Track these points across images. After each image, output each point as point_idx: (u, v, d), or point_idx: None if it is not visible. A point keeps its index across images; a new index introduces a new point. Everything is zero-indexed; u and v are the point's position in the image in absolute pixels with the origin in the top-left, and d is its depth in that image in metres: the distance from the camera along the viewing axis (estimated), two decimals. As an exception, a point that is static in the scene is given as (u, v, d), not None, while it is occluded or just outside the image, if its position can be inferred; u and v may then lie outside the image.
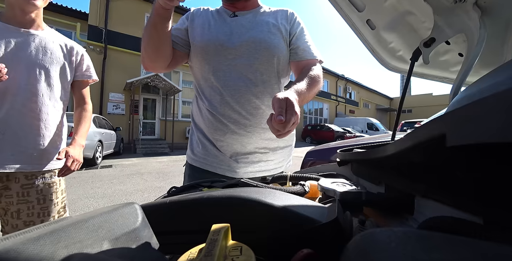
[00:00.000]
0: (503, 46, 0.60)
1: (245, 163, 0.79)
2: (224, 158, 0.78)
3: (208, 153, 0.80)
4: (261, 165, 0.82)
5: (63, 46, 0.99)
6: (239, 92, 0.75)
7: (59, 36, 1.00)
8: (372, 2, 0.72)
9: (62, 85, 0.99)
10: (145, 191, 3.38)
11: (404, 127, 8.12)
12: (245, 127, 0.77)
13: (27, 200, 0.89)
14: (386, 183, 0.39)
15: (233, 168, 0.79)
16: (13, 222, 0.88)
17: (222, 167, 0.79)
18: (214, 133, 0.78)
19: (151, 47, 0.70)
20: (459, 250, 0.10)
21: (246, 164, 0.79)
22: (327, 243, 0.23)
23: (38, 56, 0.90)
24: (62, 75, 0.98)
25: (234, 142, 0.77)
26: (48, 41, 0.94)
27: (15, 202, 0.88)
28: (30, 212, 0.90)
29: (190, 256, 0.21)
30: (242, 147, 0.78)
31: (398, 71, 0.93)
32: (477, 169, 0.20)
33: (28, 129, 0.88)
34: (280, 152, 0.85)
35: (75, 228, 0.19)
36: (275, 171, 0.85)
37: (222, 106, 0.76)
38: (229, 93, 0.75)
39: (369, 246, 0.12)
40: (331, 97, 19.52)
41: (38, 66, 0.89)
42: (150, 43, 0.69)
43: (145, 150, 8.09)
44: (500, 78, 0.24)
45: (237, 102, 0.76)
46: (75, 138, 1.00)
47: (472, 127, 0.15)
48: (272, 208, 0.26)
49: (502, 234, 0.18)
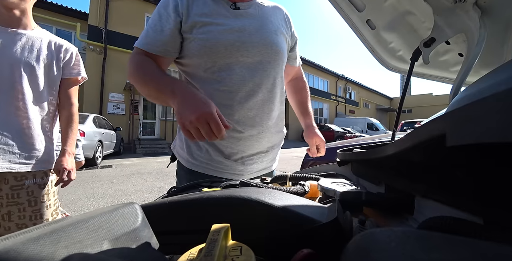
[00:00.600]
0: (503, 46, 0.60)
1: (250, 164, 0.78)
2: (230, 163, 0.75)
3: (212, 158, 0.75)
4: (258, 162, 0.81)
5: (52, 44, 0.97)
6: (254, 96, 0.71)
7: (48, 35, 0.99)
8: (372, 2, 0.72)
9: (50, 84, 0.97)
10: (145, 191, 3.38)
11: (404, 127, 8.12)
12: (258, 133, 0.75)
13: (17, 202, 0.87)
14: (386, 183, 0.39)
15: (240, 171, 0.77)
16: (5, 224, 0.87)
17: (228, 171, 0.76)
18: (226, 140, 0.73)
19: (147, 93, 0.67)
20: (459, 250, 0.10)
21: (251, 165, 0.79)
22: (327, 243, 0.23)
23: (23, 54, 0.89)
24: (49, 73, 0.96)
25: (245, 149, 0.75)
26: (35, 40, 0.93)
27: (4, 203, 0.86)
28: (22, 214, 0.88)
29: (190, 256, 0.21)
30: (250, 151, 0.77)
31: (398, 71, 0.93)
32: (477, 169, 0.20)
33: (15, 128, 0.86)
34: (274, 150, 0.86)
35: (75, 228, 0.19)
36: (269, 169, 0.87)
37: (237, 112, 0.71)
38: (243, 98, 0.70)
39: (369, 246, 0.12)
40: (331, 97, 19.52)
41: (23, 64, 0.88)
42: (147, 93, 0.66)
43: (145, 150, 8.09)
44: (500, 78, 0.24)
45: (252, 107, 0.72)
46: (65, 148, 0.97)
47: (472, 127, 0.15)
48: (272, 208, 0.26)
49: (502, 234, 0.18)
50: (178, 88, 0.58)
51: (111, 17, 8.93)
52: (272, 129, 0.79)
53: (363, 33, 0.83)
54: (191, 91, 0.57)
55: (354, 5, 0.75)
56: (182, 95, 0.56)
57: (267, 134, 0.77)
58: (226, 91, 0.69)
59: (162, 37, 0.67)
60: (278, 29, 0.77)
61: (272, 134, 0.80)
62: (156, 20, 0.68)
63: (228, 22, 0.70)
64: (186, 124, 0.52)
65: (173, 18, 0.67)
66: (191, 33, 0.68)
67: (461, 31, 0.58)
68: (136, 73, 0.67)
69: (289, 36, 0.83)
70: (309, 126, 0.96)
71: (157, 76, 0.64)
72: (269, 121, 0.77)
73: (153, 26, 0.68)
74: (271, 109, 0.76)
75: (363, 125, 16.69)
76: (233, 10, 0.72)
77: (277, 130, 0.82)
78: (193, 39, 0.69)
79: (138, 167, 5.37)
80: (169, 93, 0.59)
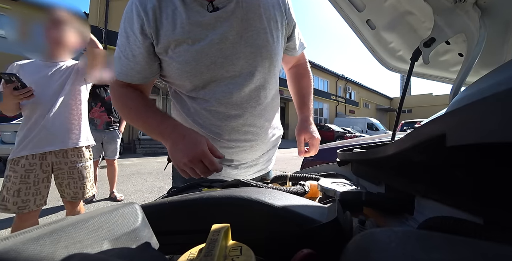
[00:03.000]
0: (503, 46, 0.60)
1: (244, 168, 0.78)
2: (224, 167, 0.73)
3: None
4: (252, 166, 0.81)
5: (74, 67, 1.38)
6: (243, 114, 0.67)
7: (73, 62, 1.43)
8: (372, 2, 0.72)
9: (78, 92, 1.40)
10: (145, 191, 3.38)
11: (404, 127, 8.11)
12: (251, 147, 0.73)
13: (72, 177, 1.36)
14: (386, 183, 0.40)
15: (234, 175, 0.77)
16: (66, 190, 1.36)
17: (221, 174, 0.75)
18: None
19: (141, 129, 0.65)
20: (459, 250, 0.10)
21: (245, 169, 0.79)
22: (327, 243, 0.23)
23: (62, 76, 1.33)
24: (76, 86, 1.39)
25: (239, 158, 0.74)
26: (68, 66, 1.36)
27: (66, 178, 1.35)
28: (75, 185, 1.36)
29: (190, 256, 0.21)
30: (244, 160, 0.76)
31: (398, 71, 0.93)
32: (477, 169, 0.20)
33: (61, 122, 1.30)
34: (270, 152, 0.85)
35: (75, 228, 0.19)
36: (264, 170, 0.86)
37: (227, 132, 0.68)
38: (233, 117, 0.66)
39: (369, 246, 0.12)
40: (331, 97, 19.53)
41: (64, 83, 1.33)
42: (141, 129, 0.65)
43: (145, 150, 8.09)
44: (500, 78, 0.24)
45: (243, 124, 0.68)
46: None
47: (472, 127, 0.15)
48: (272, 208, 0.26)
49: (502, 234, 0.18)
50: (166, 131, 0.57)
51: (111, 17, 8.93)
52: (265, 139, 0.75)
53: (363, 33, 0.83)
54: (178, 133, 0.55)
55: (354, 5, 0.75)
56: (171, 139, 0.56)
57: (260, 144, 0.75)
58: (213, 111, 0.66)
59: (136, 66, 0.61)
60: (268, 25, 0.64)
61: (267, 142, 0.77)
62: (124, 42, 0.61)
63: (206, 33, 0.59)
64: (181, 165, 0.53)
65: (142, 41, 0.59)
66: (167, 55, 0.61)
67: (461, 31, 0.58)
68: (122, 112, 0.66)
69: (285, 24, 0.70)
70: (302, 120, 0.82)
71: (143, 116, 0.62)
72: (262, 133, 0.73)
73: (124, 50, 0.61)
74: (263, 121, 0.72)
75: (363, 125, 16.69)
76: (210, 13, 0.59)
77: (272, 136, 0.79)
78: (170, 62, 0.61)
79: (138, 167, 5.37)
80: (159, 136, 0.59)
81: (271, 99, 0.74)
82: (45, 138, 1.25)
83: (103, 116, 2.76)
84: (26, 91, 1.15)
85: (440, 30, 0.60)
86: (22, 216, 1.22)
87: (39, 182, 1.26)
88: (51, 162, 1.31)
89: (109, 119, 2.81)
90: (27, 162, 1.23)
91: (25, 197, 1.21)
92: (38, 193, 1.26)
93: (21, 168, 1.22)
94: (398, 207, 0.34)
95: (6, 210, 1.19)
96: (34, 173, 1.25)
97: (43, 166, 1.28)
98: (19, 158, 1.23)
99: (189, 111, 0.70)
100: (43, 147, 1.25)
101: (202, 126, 0.69)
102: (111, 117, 2.82)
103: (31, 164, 1.24)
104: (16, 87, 1.14)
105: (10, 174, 1.22)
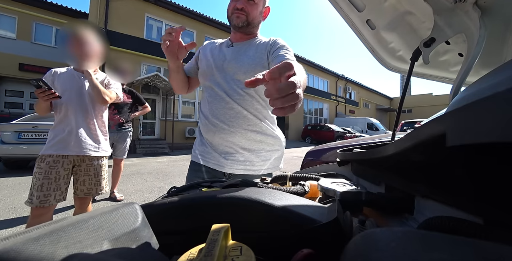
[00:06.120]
0: (503, 46, 0.60)
1: (232, 160, 0.91)
2: (215, 154, 0.94)
3: (205, 150, 0.96)
4: (247, 164, 0.92)
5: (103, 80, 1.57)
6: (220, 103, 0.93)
7: (103, 75, 1.61)
8: (372, 2, 0.72)
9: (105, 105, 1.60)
10: (145, 191, 3.38)
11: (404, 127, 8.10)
12: (229, 127, 0.90)
13: (88, 174, 1.47)
14: (386, 183, 0.40)
15: (222, 163, 0.91)
16: (80, 187, 1.46)
17: (212, 161, 0.93)
18: (206, 134, 0.95)
19: (176, 81, 1.01)
20: (459, 250, 0.10)
21: (233, 162, 0.91)
22: (327, 243, 0.23)
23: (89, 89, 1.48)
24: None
25: (221, 141, 0.92)
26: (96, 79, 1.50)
27: (82, 174, 1.46)
28: (90, 182, 1.47)
29: (190, 256, 0.21)
30: (228, 147, 0.91)
31: (398, 71, 0.93)
32: (477, 169, 0.20)
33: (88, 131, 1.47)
34: (264, 154, 0.94)
35: (75, 228, 0.19)
36: (260, 172, 0.93)
37: (210, 112, 0.94)
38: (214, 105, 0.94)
39: (369, 246, 0.12)
40: (331, 97, 19.52)
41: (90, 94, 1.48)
42: (174, 80, 1.00)
43: (145, 150, 8.08)
44: (500, 78, 0.24)
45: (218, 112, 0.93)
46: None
47: (472, 127, 0.15)
48: (272, 208, 0.26)
49: (502, 234, 0.18)
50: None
51: (111, 17, 8.92)
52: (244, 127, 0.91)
53: (363, 33, 0.83)
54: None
55: (354, 5, 0.75)
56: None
57: (240, 130, 0.90)
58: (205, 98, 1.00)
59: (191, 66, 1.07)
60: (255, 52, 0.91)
61: (246, 132, 0.90)
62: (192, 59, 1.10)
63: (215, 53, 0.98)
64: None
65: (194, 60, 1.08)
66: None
67: (461, 31, 0.58)
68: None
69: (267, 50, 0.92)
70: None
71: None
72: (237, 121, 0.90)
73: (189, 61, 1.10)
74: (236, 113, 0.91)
75: (363, 125, 16.68)
76: (227, 48, 0.98)
77: (252, 129, 0.91)
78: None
79: (138, 167, 5.37)
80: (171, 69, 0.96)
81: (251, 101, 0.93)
82: (71, 143, 1.40)
83: (115, 118, 2.90)
84: (49, 93, 1.27)
85: (440, 30, 0.60)
86: (39, 210, 1.31)
87: (60, 178, 1.38)
88: (72, 160, 1.44)
89: (121, 121, 2.93)
90: (51, 159, 1.37)
91: (47, 192, 1.33)
92: (58, 188, 1.37)
93: (46, 165, 1.35)
94: (398, 207, 0.34)
95: (31, 204, 1.29)
96: (56, 170, 1.37)
97: (65, 164, 1.41)
98: (45, 156, 1.37)
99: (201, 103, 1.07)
100: (68, 151, 1.40)
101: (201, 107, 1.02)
102: (122, 118, 2.94)
103: (55, 161, 1.38)
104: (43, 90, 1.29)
105: (36, 170, 1.35)
